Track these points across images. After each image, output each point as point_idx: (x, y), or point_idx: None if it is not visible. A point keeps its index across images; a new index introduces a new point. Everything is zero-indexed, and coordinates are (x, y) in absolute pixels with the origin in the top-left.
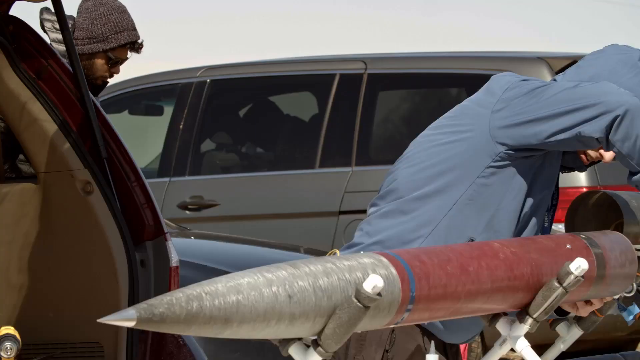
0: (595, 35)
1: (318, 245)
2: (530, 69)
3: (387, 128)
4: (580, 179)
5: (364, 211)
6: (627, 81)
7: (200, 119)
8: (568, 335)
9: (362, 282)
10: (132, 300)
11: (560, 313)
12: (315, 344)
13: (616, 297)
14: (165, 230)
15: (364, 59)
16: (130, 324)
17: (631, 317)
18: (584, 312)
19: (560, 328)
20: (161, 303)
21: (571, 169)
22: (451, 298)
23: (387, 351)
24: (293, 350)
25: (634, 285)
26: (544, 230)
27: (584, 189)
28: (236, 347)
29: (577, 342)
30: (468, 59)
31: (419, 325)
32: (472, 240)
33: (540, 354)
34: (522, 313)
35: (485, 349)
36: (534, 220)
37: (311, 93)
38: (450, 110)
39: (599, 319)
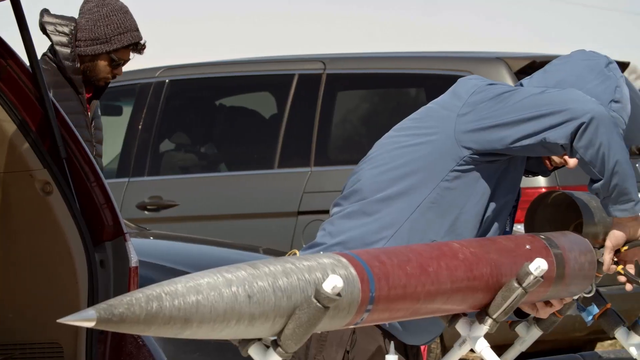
0: (592, 36)
1: (277, 246)
2: (489, 69)
3: (346, 128)
4: (539, 180)
5: (323, 211)
6: (593, 88)
7: (159, 119)
8: (527, 336)
9: (322, 283)
10: (92, 301)
11: (520, 315)
12: (275, 344)
13: (575, 297)
14: (125, 231)
15: (322, 59)
16: (90, 324)
17: (590, 318)
18: (544, 313)
19: (520, 328)
20: (121, 303)
21: (535, 174)
22: (411, 298)
23: (347, 352)
24: (253, 351)
25: (593, 285)
26: (506, 233)
27: (543, 190)
28: (196, 347)
29: (537, 342)
30: (427, 59)
31: (379, 327)
32: None
33: (499, 355)
34: (481, 314)
35: (445, 349)
36: (496, 224)
37: (270, 93)
38: (415, 112)
39: (558, 320)
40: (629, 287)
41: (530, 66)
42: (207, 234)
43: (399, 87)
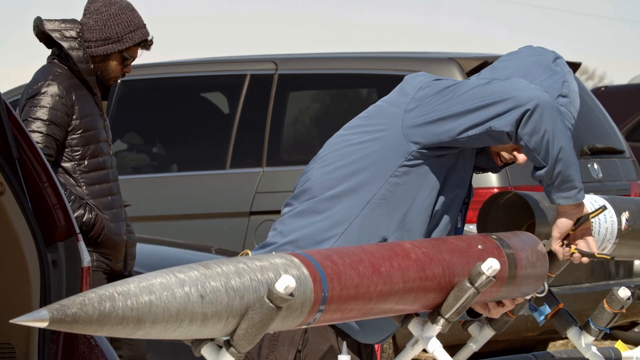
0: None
1: (229, 246)
2: (441, 69)
3: (298, 129)
4: (491, 180)
5: (275, 212)
6: (540, 83)
7: (111, 120)
8: (480, 336)
9: (274, 283)
10: (44, 301)
11: (473, 315)
12: (228, 344)
13: (528, 297)
14: (77, 231)
15: (274, 60)
16: (43, 324)
17: (542, 318)
18: (496, 313)
19: (472, 328)
20: (74, 303)
21: (485, 170)
22: (363, 298)
23: (299, 351)
24: (205, 351)
25: (546, 285)
26: (457, 230)
27: (495, 190)
28: (148, 347)
29: (489, 342)
30: (378, 60)
31: (333, 326)
32: (385, 239)
33: (452, 355)
34: (434, 314)
35: (397, 349)
36: (446, 218)
37: (222, 94)
38: (364, 111)
39: (511, 320)
40: (585, 259)
41: (482, 66)
42: (159, 234)
43: (350, 88)
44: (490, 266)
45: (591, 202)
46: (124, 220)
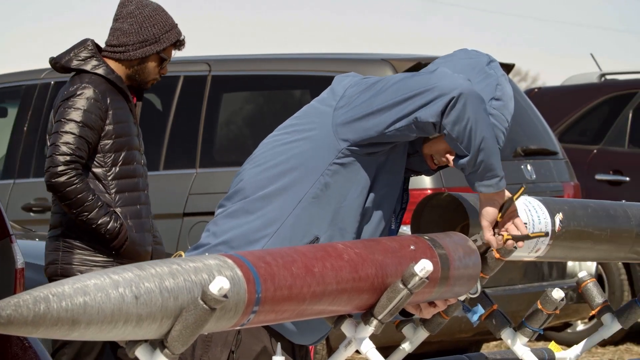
0: (479, 39)
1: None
2: (375, 70)
3: (231, 130)
4: (425, 181)
5: (209, 213)
6: (474, 85)
7: (45, 121)
8: (414, 337)
9: (209, 284)
10: None
11: (407, 314)
12: (162, 345)
13: (462, 298)
14: (11, 232)
15: (207, 61)
16: None
17: (475, 318)
18: (427, 314)
19: (406, 330)
20: (8, 305)
21: (419, 173)
22: (296, 299)
23: (232, 352)
24: (140, 352)
25: (479, 286)
26: (391, 232)
27: (429, 191)
28: None
29: (423, 343)
30: (312, 61)
31: (267, 327)
32: (317, 238)
33: (386, 356)
34: (367, 314)
35: (331, 350)
36: (377, 216)
37: (155, 95)
38: (297, 112)
39: (445, 321)
40: (520, 244)
41: (415, 68)
42: None
43: (284, 89)
44: (423, 267)
45: (525, 203)
46: (151, 231)
